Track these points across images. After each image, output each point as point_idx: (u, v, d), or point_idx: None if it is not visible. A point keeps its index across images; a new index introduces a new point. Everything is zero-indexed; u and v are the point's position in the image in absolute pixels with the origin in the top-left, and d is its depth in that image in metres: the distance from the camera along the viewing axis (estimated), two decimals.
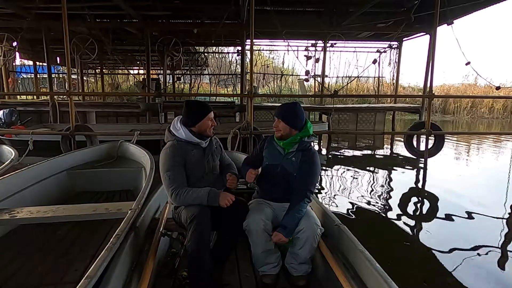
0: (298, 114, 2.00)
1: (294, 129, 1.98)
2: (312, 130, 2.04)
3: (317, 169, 1.98)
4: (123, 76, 18.95)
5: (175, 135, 1.93)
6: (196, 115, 1.94)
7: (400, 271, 2.64)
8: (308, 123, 2.02)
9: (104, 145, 4.24)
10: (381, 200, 4.58)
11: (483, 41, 41.58)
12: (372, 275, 1.44)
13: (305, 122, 2.02)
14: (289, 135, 1.99)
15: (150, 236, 1.97)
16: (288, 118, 1.98)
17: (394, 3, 7.50)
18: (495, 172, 6.54)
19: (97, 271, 1.31)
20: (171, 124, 2.00)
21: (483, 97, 18.70)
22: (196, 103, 2.03)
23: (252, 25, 5.15)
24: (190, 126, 1.94)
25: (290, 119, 1.98)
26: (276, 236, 1.82)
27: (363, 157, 7.89)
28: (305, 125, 2.00)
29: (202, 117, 1.93)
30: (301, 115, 2.01)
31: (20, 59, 12.79)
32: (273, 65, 18.68)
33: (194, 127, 1.94)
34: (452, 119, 17.26)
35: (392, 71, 11.05)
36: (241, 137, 5.19)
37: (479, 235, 3.48)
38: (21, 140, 5.95)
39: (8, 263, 2.17)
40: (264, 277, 1.90)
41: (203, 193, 1.79)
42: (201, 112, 1.95)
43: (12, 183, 2.74)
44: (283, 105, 2.07)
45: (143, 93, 9.20)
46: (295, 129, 1.98)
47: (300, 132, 1.99)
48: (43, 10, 7.03)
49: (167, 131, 1.99)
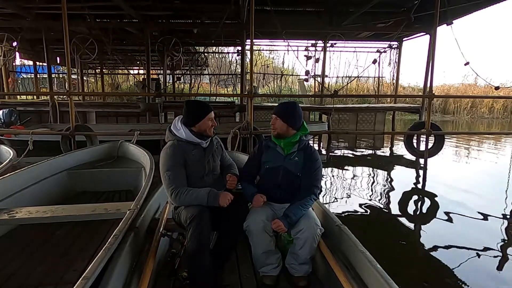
0: (296, 113, 2.00)
1: (291, 128, 1.98)
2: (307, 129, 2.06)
3: (319, 165, 2.00)
4: (123, 76, 18.95)
5: (175, 135, 1.93)
6: (196, 115, 1.93)
7: (400, 271, 2.64)
8: (304, 122, 2.04)
9: (104, 145, 4.24)
10: (381, 200, 4.57)
11: (483, 41, 41.63)
12: (373, 276, 1.44)
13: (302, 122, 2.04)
14: (285, 134, 1.98)
15: (150, 236, 1.97)
16: (286, 116, 1.98)
17: (394, 3, 7.49)
18: (495, 172, 6.54)
19: (95, 272, 1.30)
20: (171, 123, 1.99)
21: (483, 97, 18.70)
22: (196, 103, 2.02)
23: (252, 25, 5.15)
24: (190, 126, 1.94)
25: (287, 118, 1.98)
26: (275, 223, 1.81)
27: (363, 157, 7.89)
28: (302, 124, 2.02)
29: (202, 117, 1.93)
30: (299, 114, 2.01)
31: (20, 59, 12.79)
32: (273, 65, 18.71)
33: (194, 127, 1.94)
34: (452, 119, 17.26)
35: (392, 71, 11.07)
36: (241, 137, 5.18)
37: (479, 235, 3.47)
38: (20, 140, 5.96)
39: (8, 263, 2.17)
40: (264, 278, 1.90)
41: (203, 193, 1.79)
42: (201, 112, 1.94)
43: (12, 183, 2.73)
44: (281, 103, 2.07)
45: (143, 93, 9.19)
46: (292, 128, 1.98)
47: (299, 131, 1.99)
48: (43, 10, 7.03)
49: (167, 130, 1.99)
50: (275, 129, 2.00)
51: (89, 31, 8.13)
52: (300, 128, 2.01)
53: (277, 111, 2.01)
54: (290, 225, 1.83)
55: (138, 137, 4.89)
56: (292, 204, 1.88)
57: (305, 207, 1.87)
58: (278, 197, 2.01)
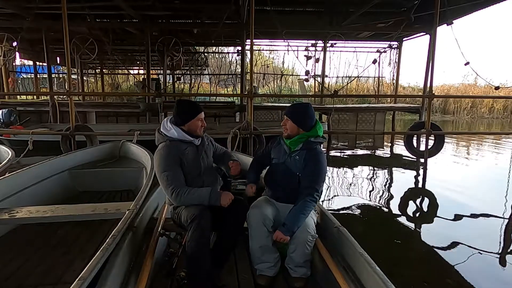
0: (307, 114, 1.96)
1: (301, 129, 1.95)
2: (322, 132, 2.00)
3: (322, 168, 1.92)
4: (123, 76, 18.94)
5: (166, 136, 1.91)
6: (186, 114, 1.93)
7: (400, 271, 2.64)
8: (318, 124, 1.98)
9: (106, 145, 4.24)
10: (381, 200, 4.57)
11: (483, 41, 41.57)
12: (372, 278, 1.43)
13: (315, 123, 1.98)
14: (296, 135, 1.96)
15: (148, 236, 1.97)
16: (297, 117, 1.95)
17: (394, 3, 7.49)
18: (495, 172, 6.54)
19: (91, 272, 1.30)
20: (160, 125, 1.97)
21: (483, 97, 18.68)
22: (187, 103, 2.02)
23: (252, 25, 5.15)
24: (180, 125, 1.93)
25: (298, 119, 1.95)
26: (276, 235, 1.80)
27: (363, 157, 7.88)
28: (315, 126, 1.97)
29: (192, 116, 1.92)
30: (310, 116, 1.97)
31: (20, 59, 12.78)
32: (273, 65, 18.65)
33: (184, 126, 1.93)
34: (452, 119, 17.24)
35: (392, 71, 11.05)
36: (241, 137, 5.18)
37: (479, 234, 3.48)
38: (20, 140, 5.95)
39: (8, 263, 2.17)
40: (259, 277, 1.89)
41: (205, 193, 1.79)
42: (191, 112, 1.93)
43: (13, 182, 2.73)
44: (293, 104, 2.03)
45: (143, 93, 9.20)
46: (302, 129, 1.95)
47: (308, 132, 1.96)
48: (43, 10, 7.01)
49: (157, 133, 1.96)
50: (285, 130, 1.99)
51: (89, 31, 8.12)
52: (311, 128, 1.96)
53: (288, 112, 1.98)
54: (291, 233, 1.79)
55: (138, 137, 4.89)
56: (289, 212, 1.84)
57: (305, 212, 1.82)
58: (280, 195, 2.00)
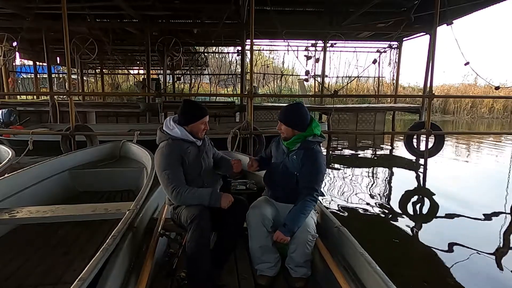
0: (298, 115, 1.95)
1: (296, 130, 1.94)
2: (319, 130, 1.97)
3: (320, 167, 1.91)
4: (123, 76, 18.94)
5: (169, 134, 1.91)
6: (192, 116, 1.92)
7: (400, 271, 2.64)
8: (314, 122, 1.97)
9: (106, 145, 4.23)
10: (381, 200, 4.57)
11: (483, 41, 41.57)
12: (373, 278, 1.43)
13: (311, 122, 1.96)
14: (292, 137, 1.95)
15: (148, 237, 1.97)
16: (289, 120, 1.95)
17: (394, 3, 7.49)
18: (495, 172, 6.54)
19: (91, 273, 1.29)
20: (162, 124, 1.97)
21: (483, 97, 18.67)
22: (195, 104, 2.02)
23: (252, 25, 5.14)
24: (183, 125, 1.93)
25: (291, 121, 1.95)
26: (277, 235, 1.80)
27: (363, 157, 7.88)
28: (310, 125, 1.95)
29: (197, 119, 1.92)
30: (302, 116, 1.95)
31: (20, 59, 12.78)
32: (273, 65, 18.65)
33: (187, 126, 1.93)
34: (452, 119, 17.25)
35: (392, 71, 11.05)
36: (241, 137, 5.18)
37: (479, 235, 3.48)
38: (20, 140, 5.95)
39: (8, 263, 2.17)
40: (259, 277, 1.89)
41: (205, 193, 1.79)
42: (198, 113, 1.93)
43: (13, 182, 2.73)
44: (284, 107, 2.03)
45: (143, 93, 9.19)
46: (297, 130, 1.94)
47: (304, 132, 1.94)
48: (43, 10, 7.01)
49: (159, 131, 1.95)
50: (282, 133, 1.99)
51: (89, 31, 8.12)
52: (306, 128, 1.94)
53: (280, 116, 1.98)
54: (291, 233, 1.79)
55: (138, 137, 4.89)
56: (289, 212, 1.84)
57: (305, 212, 1.82)
58: (279, 195, 2.00)
